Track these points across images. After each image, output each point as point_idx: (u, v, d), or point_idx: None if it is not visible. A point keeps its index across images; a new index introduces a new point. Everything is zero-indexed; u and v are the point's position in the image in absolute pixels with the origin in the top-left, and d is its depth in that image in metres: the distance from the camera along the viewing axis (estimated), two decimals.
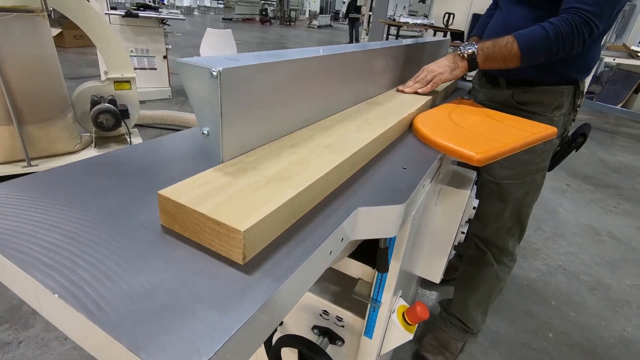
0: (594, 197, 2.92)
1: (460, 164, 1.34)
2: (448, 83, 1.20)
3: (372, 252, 0.76)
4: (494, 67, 0.97)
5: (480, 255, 1.30)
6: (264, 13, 16.71)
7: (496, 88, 1.16)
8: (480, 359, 1.43)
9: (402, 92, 1.05)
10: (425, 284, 1.81)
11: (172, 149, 0.62)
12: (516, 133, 0.82)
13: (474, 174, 1.15)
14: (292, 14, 18.02)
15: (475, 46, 0.96)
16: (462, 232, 1.14)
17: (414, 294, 1.65)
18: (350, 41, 11.03)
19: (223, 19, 16.15)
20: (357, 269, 0.76)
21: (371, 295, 0.73)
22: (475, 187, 1.15)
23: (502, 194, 1.19)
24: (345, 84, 0.77)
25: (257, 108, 0.49)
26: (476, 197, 1.20)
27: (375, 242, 0.75)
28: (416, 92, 1.04)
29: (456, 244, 1.16)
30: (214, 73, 0.40)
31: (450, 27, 5.36)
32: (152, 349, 0.26)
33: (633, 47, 5.11)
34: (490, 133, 0.80)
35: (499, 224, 1.23)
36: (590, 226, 2.47)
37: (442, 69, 1.01)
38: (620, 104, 5.45)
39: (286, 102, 0.57)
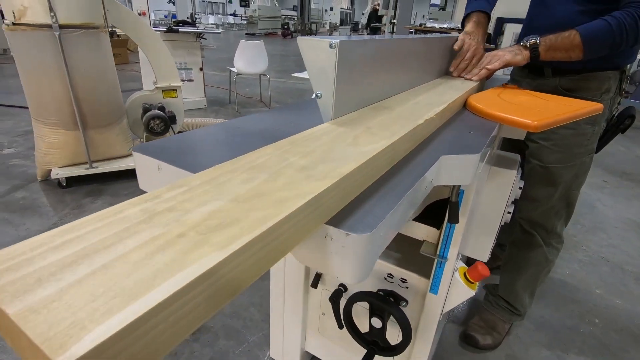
0: (634, 193, 2.87)
1: (505, 147, 1.41)
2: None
3: (435, 215, 0.85)
4: (555, 58, 0.99)
5: (528, 237, 1.33)
6: (285, 27, 17.18)
7: (541, 77, 1.19)
8: (527, 341, 1.46)
9: (467, 78, 1.12)
10: None
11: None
12: (564, 108, 0.89)
13: (518, 157, 1.22)
14: (313, 26, 18.42)
15: (539, 38, 0.99)
16: (509, 212, 1.20)
17: None
18: None
19: (246, 34, 16.70)
20: (422, 231, 0.84)
21: (437, 252, 0.81)
22: (520, 169, 1.22)
23: (552, 178, 1.22)
24: (418, 64, 0.88)
25: (357, 76, 0.60)
26: (523, 180, 1.26)
27: (437, 206, 0.83)
28: (475, 79, 1.10)
29: (503, 223, 1.22)
30: (333, 44, 0.51)
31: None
32: None
33: None
34: (540, 108, 0.88)
35: (547, 206, 1.26)
36: (632, 220, 2.44)
37: (504, 52, 1.05)
38: None
39: (378, 74, 0.68)
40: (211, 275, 0.24)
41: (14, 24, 1.95)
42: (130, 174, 2.53)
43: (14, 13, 1.93)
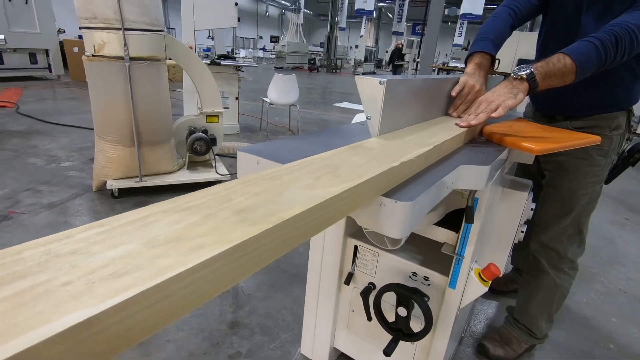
0: None
1: (521, 175, 1.56)
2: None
3: (454, 220, 1.01)
4: (552, 85, 0.97)
5: (537, 263, 1.41)
6: (312, 62, 18.04)
7: (552, 122, 1.29)
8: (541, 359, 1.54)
9: (459, 126, 0.94)
10: (487, 294, 1.94)
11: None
12: (566, 138, 1.06)
13: (530, 182, 1.37)
14: (338, 62, 19.24)
15: (530, 67, 0.96)
16: (522, 232, 1.34)
17: (473, 303, 1.80)
18: None
19: (275, 67, 17.60)
20: (443, 234, 1.00)
21: (456, 251, 0.97)
22: (532, 192, 1.36)
23: (565, 204, 1.30)
24: (436, 100, 1.08)
25: (397, 105, 0.80)
26: (535, 203, 1.39)
27: (456, 214, 1.00)
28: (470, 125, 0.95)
29: (516, 242, 1.36)
30: (382, 82, 0.71)
31: (496, 70, 5.62)
32: None
33: None
34: (545, 137, 1.05)
35: (558, 230, 1.33)
36: None
37: (504, 96, 0.95)
38: None
39: (411, 104, 0.88)
40: (75, 334, 0.22)
41: (93, 55, 2.30)
42: (173, 189, 2.79)
43: (94, 46, 2.28)
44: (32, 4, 7.25)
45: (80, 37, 9.88)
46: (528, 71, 0.96)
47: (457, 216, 1.00)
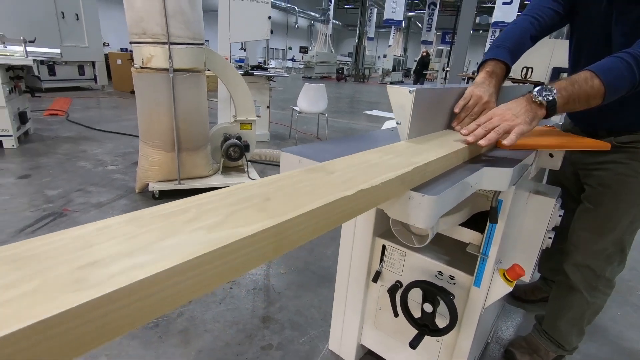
0: None
1: (549, 182, 1.57)
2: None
3: (479, 222, 1.06)
4: (574, 109, 0.89)
5: (567, 280, 1.36)
6: (339, 72, 18.26)
7: (595, 137, 1.19)
8: None
9: (466, 141, 0.84)
10: (514, 302, 1.94)
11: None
12: (577, 142, 1.08)
13: (558, 189, 1.39)
14: (366, 72, 19.36)
15: (554, 91, 0.86)
16: (549, 237, 1.36)
17: (499, 310, 1.80)
18: None
19: (303, 77, 17.95)
20: (468, 235, 1.05)
21: (480, 251, 1.01)
22: (560, 199, 1.37)
23: (605, 223, 1.23)
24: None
25: (425, 112, 0.87)
26: (574, 224, 1.34)
27: (481, 216, 1.05)
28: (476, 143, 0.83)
29: (544, 247, 1.38)
30: (411, 90, 0.79)
31: (528, 79, 5.53)
32: None
33: None
34: (556, 139, 1.07)
35: (596, 249, 1.27)
36: None
37: (519, 118, 0.85)
38: None
39: (438, 112, 0.95)
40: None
41: (141, 67, 2.51)
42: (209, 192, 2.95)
43: (142, 59, 2.49)
44: (82, 20, 7.86)
45: (122, 49, 10.56)
46: (550, 98, 0.85)
47: (482, 218, 1.04)
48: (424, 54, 12.39)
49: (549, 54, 7.22)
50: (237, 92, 3.12)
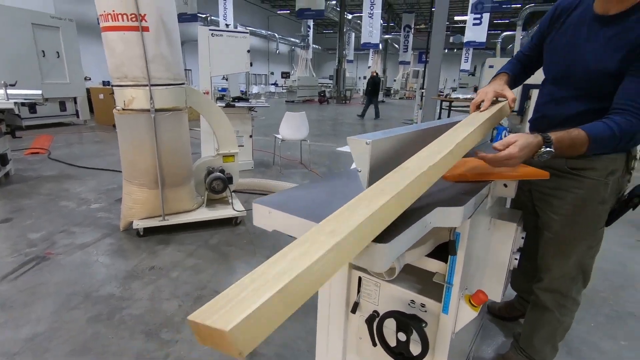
0: None
1: (513, 205, 1.66)
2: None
3: (444, 252, 1.14)
4: (561, 156, 1.09)
5: (539, 302, 1.46)
6: (321, 94, 18.65)
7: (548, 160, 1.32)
8: None
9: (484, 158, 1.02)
10: (493, 320, 2.00)
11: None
12: (516, 173, 1.15)
13: (520, 212, 1.49)
14: (347, 93, 19.82)
15: (551, 143, 1.01)
16: (515, 259, 1.45)
17: (477, 329, 1.87)
18: (363, 113, 11.95)
19: (286, 101, 18.26)
20: (434, 265, 1.13)
21: (446, 280, 1.09)
22: (522, 221, 1.47)
23: (564, 249, 1.34)
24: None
25: (385, 158, 0.96)
26: (540, 251, 1.43)
27: (445, 245, 1.13)
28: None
29: (511, 268, 1.46)
30: (368, 142, 0.88)
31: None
32: None
33: None
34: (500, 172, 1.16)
35: (560, 273, 1.38)
36: None
37: (521, 159, 1.00)
38: None
39: (400, 155, 1.04)
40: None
41: (123, 109, 2.58)
42: (193, 226, 2.98)
43: (124, 101, 2.56)
44: (63, 57, 7.94)
45: (104, 82, 10.62)
46: (547, 149, 1.01)
47: (446, 248, 1.13)
48: (374, 74, 12.70)
49: None
50: (218, 126, 3.21)
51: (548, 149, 1.01)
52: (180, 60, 2.77)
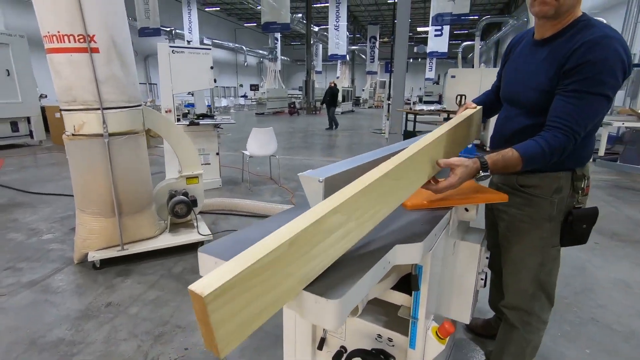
0: (623, 253, 3.04)
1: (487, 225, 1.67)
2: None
3: (409, 285, 1.10)
4: (498, 173, 1.24)
5: (507, 319, 1.47)
6: (292, 105, 18.66)
7: (502, 175, 1.39)
8: None
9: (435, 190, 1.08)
10: (472, 337, 1.99)
11: None
12: (476, 197, 1.19)
13: (483, 230, 1.49)
14: (317, 103, 19.94)
15: (487, 173, 1.11)
16: (482, 279, 1.44)
17: (450, 350, 1.85)
18: (330, 124, 12.31)
19: (256, 113, 18.12)
20: (399, 298, 1.09)
21: (411, 314, 1.05)
22: (486, 241, 1.47)
23: (515, 265, 1.39)
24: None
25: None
26: (502, 268, 1.45)
27: (409, 277, 1.10)
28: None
29: (478, 289, 1.45)
30: (320, 180, 0.83)
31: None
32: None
33: None
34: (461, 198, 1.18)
35: (518, 289, 1.40)
36: (620, 280, 2.59)
37: (463, 180, 1.08)
38: None
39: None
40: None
41: (73, 134, 2.42)
42: (155, 254, 2.82)
43: (74, 127, 2.41)
44: (14, 75, 7.48)
45: None
46: (484, 179, 1.13)
47: (409, 279, 1.09)
48: (332, 84, 13.32)
49: (479, 80, 7.93)
50: (179, 148, 3.09)
51: (485, 173, 1.11)
52: (136, 81, 2.64)
